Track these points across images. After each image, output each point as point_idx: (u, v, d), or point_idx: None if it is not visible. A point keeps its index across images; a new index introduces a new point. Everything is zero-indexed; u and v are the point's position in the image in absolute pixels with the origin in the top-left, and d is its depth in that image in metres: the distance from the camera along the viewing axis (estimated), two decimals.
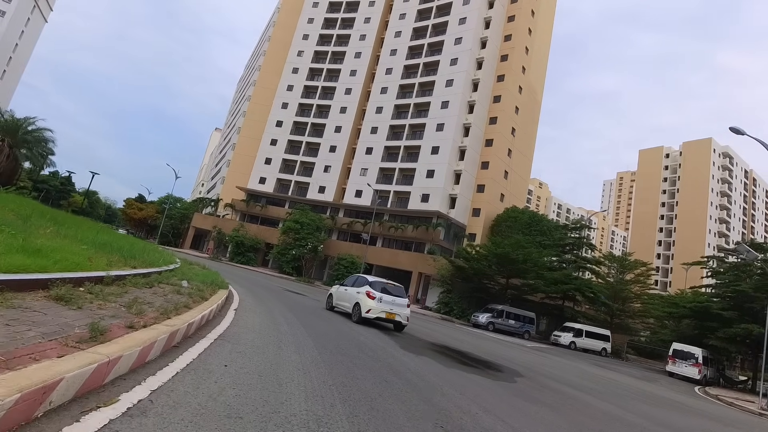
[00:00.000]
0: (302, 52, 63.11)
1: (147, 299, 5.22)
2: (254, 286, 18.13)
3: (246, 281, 20.29)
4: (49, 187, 67.74)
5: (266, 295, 13.95)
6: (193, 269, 12.75)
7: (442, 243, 45.42)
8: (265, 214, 55.55)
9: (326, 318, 11.10)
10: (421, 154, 49.69)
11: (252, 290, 14.72)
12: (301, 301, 15.10)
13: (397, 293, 13.19)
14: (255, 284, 19.30)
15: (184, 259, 19.65)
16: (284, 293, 17.09)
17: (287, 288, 21.78)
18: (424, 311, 33.18)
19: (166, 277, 8.14)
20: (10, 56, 78.88)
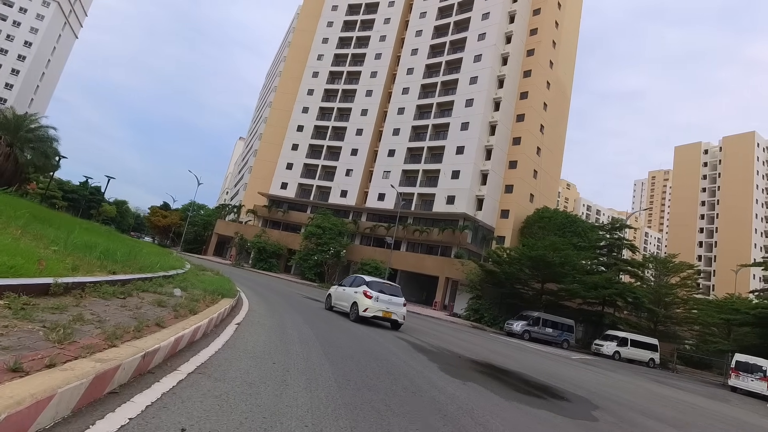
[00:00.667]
0: (322, 56, 62.51)
1: (101, 316, 3.82)
2: (271, 293, 16.82)
3: (263, 288, 19.05)
4: (79, 197, 69.18)
5: (281, 304, 12.56)
6: (203, 276, 11.51)
7: (470, 246, 43.39)
8: (287, 219, 54.81)
9: (352, 331, 9.57)
10: (446, 155, 47.91)
11: (266, 298, 13.36)
12: (321, 310, 13.63)
13: (394, 293, 13.49)
14: (272, 291, 18.01)
15: (199, 265, 18.57)
16: (303, 301, 15.68)
17: (307, 295, 20.40)
18: (453, 319, 31.27)
19: (158, 284, 6.82)
20: (43, 71, 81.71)
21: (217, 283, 9.48)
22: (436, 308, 38.20)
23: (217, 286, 8.80)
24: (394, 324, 13.17)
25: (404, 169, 50.77)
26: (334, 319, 11.81)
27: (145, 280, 6.52)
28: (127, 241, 13.68)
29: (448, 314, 35.08)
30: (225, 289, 8.57)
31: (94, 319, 3.59)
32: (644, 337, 30.80)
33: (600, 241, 38.53)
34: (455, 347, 11.16)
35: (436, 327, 19.37)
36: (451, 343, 12.13)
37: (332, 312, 13.97)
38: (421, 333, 13.47)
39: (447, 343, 11.95)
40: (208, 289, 7.88)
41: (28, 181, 47.90)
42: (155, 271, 7.64)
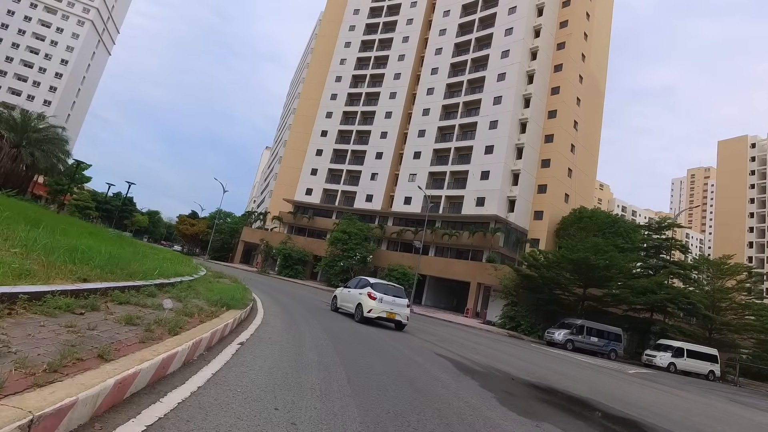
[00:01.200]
0: (345, 60, 61.93)
1: (12, 344, 2.54)
2: (292, 301, 15.60)
3: (285, 296, 17.90)
4: (112, 207, 70.91)
5: (302, 315, 11.26)
6: (215, 284, 10.36)
7: (502, 250, 41.25)
8: (313, 225, 54.09)
9: (384, 349, 8.12)
10: (474, 155, 46.03)
11: (286, 307, 12.11)
12: (350, 323, 12.26)
13: (397, 294, 13.70)
14: (294, 299, 16.80)
15: (218, 272, 17.60)
16: (327, 311, 14.36)
17: (329, 303, 19.09)
18: (487, 327, 29.31)
19: (147, 294, 5.63)
20: (78, 88, 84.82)
21: (228, 292, 8.26)
22: (468, 315, 36.27)
23: (226, 295, 7.57)
24: (398, 325, 13.39)
25: (431, 171, 49.16)
26: (363, 331, 10.40)
27: (129, 289, 5.31)
28: (137, 246, 12.77)
29: (482, 322, 33.10)
30: (234, 299, 7.32)
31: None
32: (702, 347, 27.94)
33: (645, 242, 35.74)
34: (502, 364, 9.53)
35: (473, 337, 17.68)
36: (495, 359, 10.50)
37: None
38: (458, 346, 11.89)
39: (491, 358, 10.33)
40: (213, 299, 6.65)
41: (50, 186, 49.00)
42: (150, 279, 6.48)
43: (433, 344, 10.96)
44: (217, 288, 8.81)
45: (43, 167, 30.74)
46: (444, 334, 15.53)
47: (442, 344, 11.37)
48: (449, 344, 11.81)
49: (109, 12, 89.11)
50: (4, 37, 76.38)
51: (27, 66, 77.00)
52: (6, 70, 75.62)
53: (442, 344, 11.41)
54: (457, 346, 11.84)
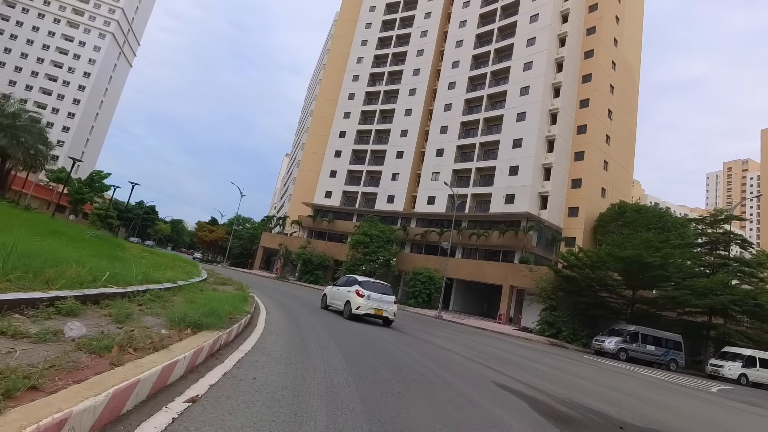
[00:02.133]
0: (362, 59, 60.23)
1: None
2: (309, 311, 13.52)
3: (299, 304, 15.86)
4: (133, 216, 71.03)
5: (317, 331, 9.10)
6: (208, 292, 8.37)
7: (535, 250, 38.33)
8: (333, 229, 52.28)
9: (434, 388, 5.88)
10: (501, 150, 43.32)
11: (297, 320, 9.99)
12: (378, 341, 10.04)
13: (384, 291, 14.11)
14: (310, 308, 14.72)
15: (226, 278, 15.71)
16: (348, 324, 12.18)
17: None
18: (525, 335, 26.57)
19: (64, 310, 3.58)
20: (101, 100, 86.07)
21: (217, 303, 6.19)
22: (501, 321, 33.52)
23: (210, 307, 5.48)
24: (385, 320, 13.66)
25: (455, 169, 46.66)
26: (398, 355, 8.16)
27: (21, 305, 3.27)
28: (124, 250, 10.93)
29: (517, 328, 30.32)
30: (214, 314, 5.23)
31: None
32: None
33: (699, 237, 32.26)
34: (583, 395, 7.12)
35: (517, 349, 15.20)
36: (568, 385, 8.08)
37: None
38: (511, 365, 9.51)
39: (563, 385, 7.92)
40: (178, 317, 4.55)
41: (70, 196, 48.56)
42: (102, 286, 4.48)
43: (482, 364, 8.64)
44: (203, 298, 6.76)
45: (18, 157, 27.62)
46: (485, 347, 13.14)
47: (490, 363, 9.02)
48: (500, 363, 9.44)
49: (129, 24, 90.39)
50: (30, 52, 78.12)
51: (51, 80, 78.49)
52: (32, 85, 77.25)
53: (491, 363, 9.06)
54: (509, 365, 9.46)
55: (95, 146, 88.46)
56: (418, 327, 15.88)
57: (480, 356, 10.01)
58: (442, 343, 11.35)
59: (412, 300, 35.70)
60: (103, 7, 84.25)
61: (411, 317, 23.04)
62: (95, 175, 50.67)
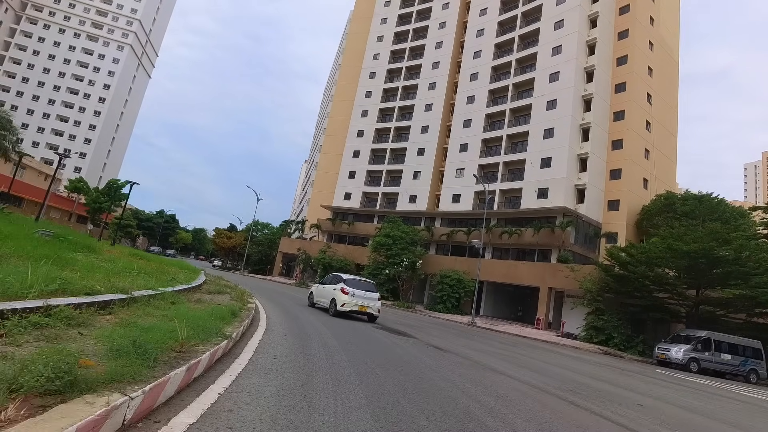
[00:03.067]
0: (378, 55, 58.16)
1: None
2: (328, 321, 11.15)
3: (322, 313, 13.56)
4: (153, 225, 70.70)
5: (330, 347, 6.70)
6: (191, 304, 6.10)
7: (574, 248, 35.09)
8: (353, 232, 50.10)
9: None
10: (531, 141, 40.30)
11: (308, 337, 7.62)
12: (418, 368, 7.55)
13: (369, 288, 14.60)
14: (328, 318, 12.35)
15: (233, 285, 13.53)
16: (372, 336, 9.73)
17: (383, 325, 14.49)
18: (570, 342, 23.55)
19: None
20: (121, 111, 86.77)
21: (170, 329, 3.86)
22: (539, 327, 30.46)
23: (141, 339, 3.14)
24: (370, 317, 14.04)
25: (480, 164, 43.82)
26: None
27: None
28: (97, 252, 8.86)
29: (559, 335, 27.24)
30: (145, 352, 2.90)
31: None
32: None
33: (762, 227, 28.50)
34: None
35: (576, 364, 12.46)
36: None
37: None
38: (594, 394, 6.87)
39: (682, 426, 5.26)
40: (17, 372, 2.24)
41: (88, 206, 47.73)
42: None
43: (558, 396, 6.06)
44: (160, 317, 4.46)
45: None
46: (545, 365, 10.49)
47: (574, 396, 6.42)
48: (585, 395, 6.81)
49: (147, 36, 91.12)
50: (51, 67, 79.33)
51: (72, 93, 79.45)
52: (54, 99, 78.33)
53: (575, 396, 6.45)
54: (592, 394, 6.83)
55: (117, 157, 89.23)
56: (454, 339, 13.33)
57: (551, 384, 7.40)
58: (492, 363, 8.81)
59: (440, 305, 33.02)
60: (121, 19, 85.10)
61: (443, 325, 20.46)
62: (113, 184, 49.99)
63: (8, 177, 47.21)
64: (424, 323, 18.69)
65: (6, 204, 34.56)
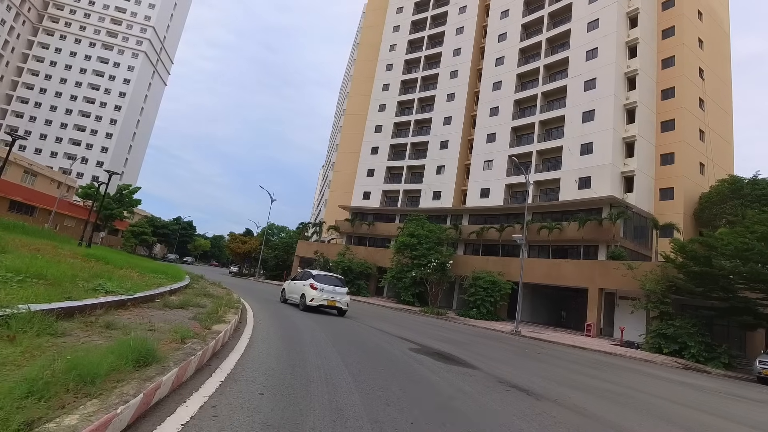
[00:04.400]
0: (394, 46, 55.06)
1: None
2: (349, 334, 7.87)
3: (341, 323, 10.31)
4: (169, 232, 69.22)
5: (350, 374, 3.45)
6: (65, 342, 2.94)
7: (626, 243, 30.94)
8: (374, 232, 46.89)
9: None
10: (568, 126, 36.34)
11: (319, 351, 4.40)
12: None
13: (337, 284, 15.22)
14: (351, 331, 9.08)
15: (226, 292, 10.46)
16: (416, 372, 6.38)
17: (406, 336, 11.13)
18: (635, 353, 19.59)
19: None
20: (138, 119, 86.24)
21: None
22: (591, 334, 26.44)
23: None
24: (339, 311, 14.79)
25: (511, 155, 40.01)
26: None
27: None
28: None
29: (618, 344, 23.19)
30: None
31: None
32: None
33: None
34: None
35: (660, 386, 8.82)
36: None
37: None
38: None
39: None
40: None
41: (99, 212, 46.31)
42: None
43: None
44: None
45: None
46: (667, 404, 6.94)
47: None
48: None
49: (161, 43, 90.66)
50: (68, 77, 79.34)
51: (89, 102, 79.21)
52: (71, 108, 78.20)
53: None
54: None
55: (134, 165, 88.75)
56: (523, 364, 9.85)
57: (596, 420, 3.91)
58: (553, 397, 5.38)
59: (473, 311, 29.38)
60: (135, 27, 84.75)
61: (483, 336, 16.94)
62: (123, 189, 48.27)
63: (20, 186, 46.07)
64: (466, 336, 15.22)
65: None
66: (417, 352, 8.31)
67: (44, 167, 49.54)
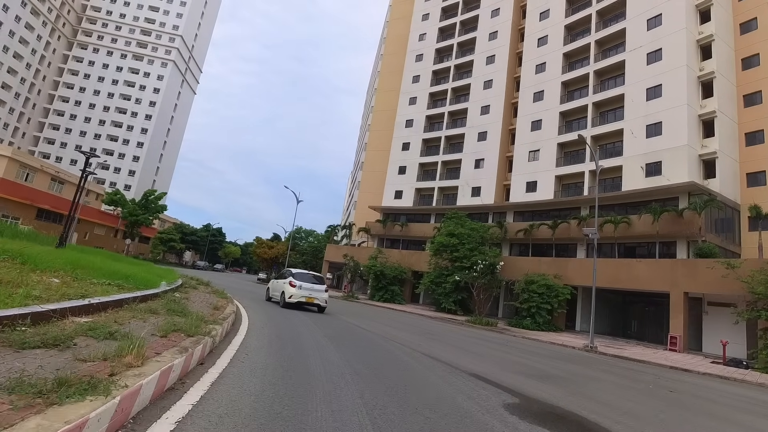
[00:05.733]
0: (424, 35, 51.64)
1: None
2: (399, 373, 4.35)
3: (383, 352, 6.83)
4: (198, 239, 68.19)
5: None
6: None
7: (710, 237, 25.95)
8: (407, 234, 43.32)
9: None
10: (629, 106, 31.67)
11: None
12: None
13: (316, 281, 16.04)
14: (398, 362, 5.53)
15: (227, 298, 7.23)
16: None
17: (475, 368, 7.48)
18: (753, 377, 15.01)
19: None
20: (168, 128, 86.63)
21: None
22: (676, 349, 21.74)
23: None
24: (319, 308, 15.57)
25: (560, 142, 35.65)
26: None
27: None
28: None
29: (720, 362, 18.46)
30: None
31: None
32: None
33: None
34: None
35: None
36: None
37: None
38: None
39: None
40: None
41: (125, 218, 45.21)
42: None
43: None
44: None
45: None
46: None
47: None
48: None
49: (189, 51, 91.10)
50: (101, 89, 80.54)
51: (121, 112, 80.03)
52: (104, 119, 79.21)
53: None
54: None
55: (166, 174, 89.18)
56: (647, 411, 6.02)
57: None
58: None
59: (527, 320, 25.23)
60: (164, 36, 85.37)
61: (560, 357, 12.96)
62: (149, 194, 46.97)
63: (47, 194, 45.54)
64: (546, 362, 11.33)
65: None
66: (524, 418, 4.66)
67: (72, 174, 48.98)
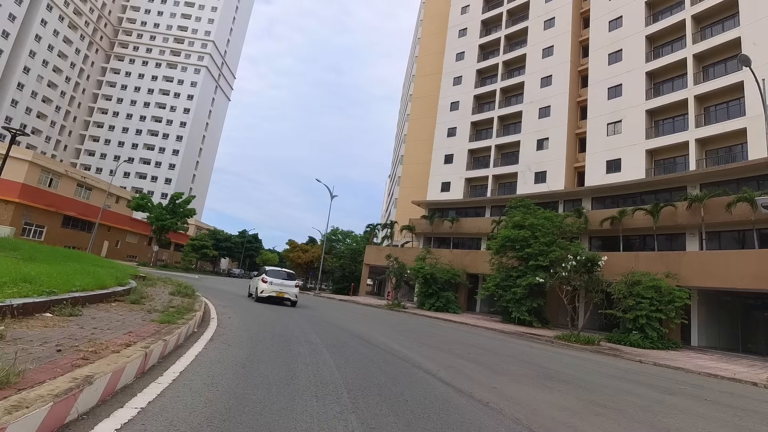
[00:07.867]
0: (467, 7, 45.95)
1: None
2: None
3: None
4: (232, 245, 65.40)
5: None
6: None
7: None
8: (458, 231, 37.40)
9: None
10: (747, 52, 24.38)
11: None
12: None
13: (286, 277, 17.46)
14: None
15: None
16: None
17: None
18: None
19: None
20: (203, 135, 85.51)
21: None
22: None
23: None
24: (291, 302, 16.74)
25: (649, 109, 28.74)
26: None
27: None
28: None
29: None
30: None
31: None
32: None
33: None
34: None
35: None
36: None
37: None
38: None
39: None
40: None
41: (152, 223, 42.39)
42: None
43: None
44: None
45: None
46: None
47: None
48: None
49: (222, 57, 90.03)
50: (137, 99, 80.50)
51: (157, 121, 79.58)
52: (141, 129, 78.97)
53: None
54: None
55: (202, 182, 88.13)
56: None
57: None
58: None
59: (636, 334, 18.75)
60: (197, 43, 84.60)
61: (747, 410, 6.70)
62: (176, 198, 44.00)
63: (74, 200, 43.57)
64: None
65: None
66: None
67: (100, 180, 46.99)
